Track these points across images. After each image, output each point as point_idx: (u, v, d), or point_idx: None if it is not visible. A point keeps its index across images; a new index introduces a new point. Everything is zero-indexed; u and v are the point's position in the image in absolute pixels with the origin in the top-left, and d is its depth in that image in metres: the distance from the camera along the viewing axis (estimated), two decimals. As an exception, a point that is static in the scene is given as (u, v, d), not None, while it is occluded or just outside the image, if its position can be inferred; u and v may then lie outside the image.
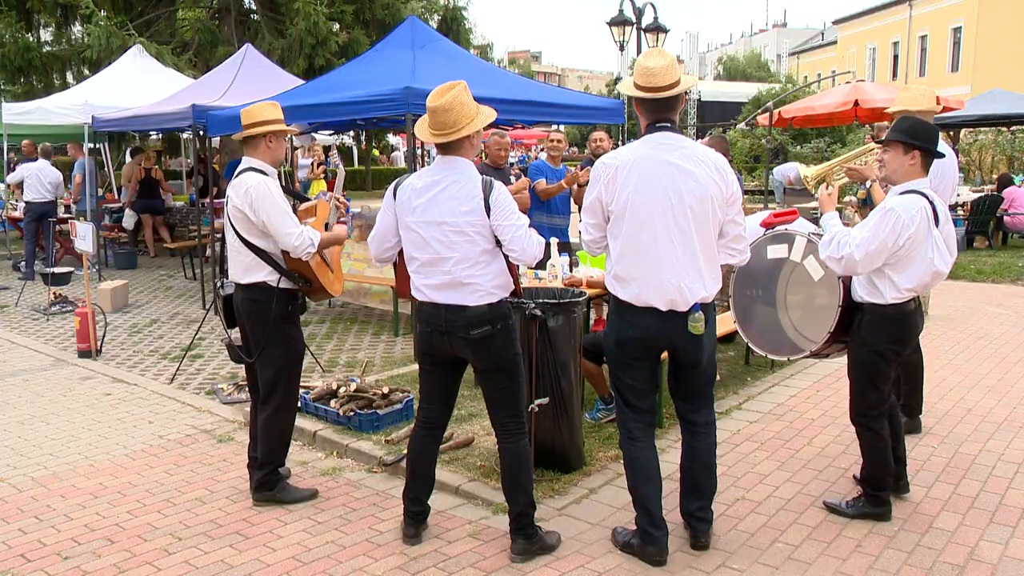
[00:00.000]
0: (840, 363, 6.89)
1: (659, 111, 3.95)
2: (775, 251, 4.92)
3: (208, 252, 11.34)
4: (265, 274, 4.75)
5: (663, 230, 3.87)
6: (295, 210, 4.96)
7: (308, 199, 5.47)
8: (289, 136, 4.99)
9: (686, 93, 4.21)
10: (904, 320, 4.35)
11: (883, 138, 4.46)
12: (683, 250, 3.88)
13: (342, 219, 5.37)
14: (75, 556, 4.41)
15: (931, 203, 4.23)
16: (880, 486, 4.53)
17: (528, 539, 4.24)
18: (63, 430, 6.38)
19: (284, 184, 5.11)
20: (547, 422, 5.07)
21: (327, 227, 5.11)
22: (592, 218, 4.07)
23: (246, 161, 4.85)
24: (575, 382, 5.20)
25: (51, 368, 8.22)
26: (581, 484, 5.05)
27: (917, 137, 4.26)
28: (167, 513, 4.90)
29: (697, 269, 3.92)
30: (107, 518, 4.85)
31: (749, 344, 5.21)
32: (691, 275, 3.90)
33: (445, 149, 4.11)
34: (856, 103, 15.41)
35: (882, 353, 4.38)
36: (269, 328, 4.78)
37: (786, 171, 18.28)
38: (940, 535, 4.40)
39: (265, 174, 4.77)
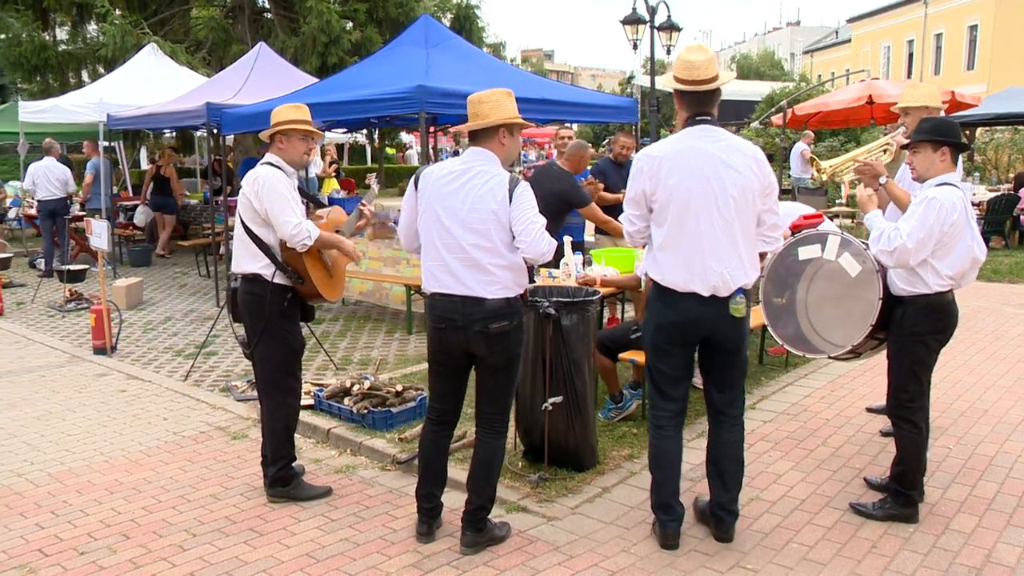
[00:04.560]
0: (853, 364, 6.91)
1: (700, 104, 4.05)
2: (807, 252, 4.91)
3: (222, 250, 11.37)
4: (262, 265, 4.79)
5: (706, 218, 3.97)
6: (309, 213, 4.99)
7: (324, 204, 5.49)
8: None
9: None
10: (947, 309, 4.42)
11: (908, 141, 4.54)
12: (725, 238, 4.00)
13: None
14: (91, 551, 4.44)
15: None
16: (911, 484, 4.52)
17: (478, 532, 4.33)
18: (79, 426, 6.41)
19: (302, 187, 5.11)
20: (561, 421, 5.06)
21: (337, 232, 5.10)
22: (636, 210, 4.14)
23: (267, 156, 4.93)
24: (589, 381, 5.19)
25: (67, 365, 8.26)
26: (594, 483, 5.04)
27: (944, 134, 4.38)
28: (182, 509, 4.92)
29: (739, 256, 4.04)
30: (123, 514, 4.88)
31: (786, 345, 5.18)
32: (733, 262, 4.03)
33: (476, 140, 4.20)
34: (870, 100, 15.35)
35: (926, 343, 4.43)
36: (264, 321, 4.82)
37: (797, 148, 18.07)
38: (957, 537, 4.37)
39: (280, 169, 4.82)
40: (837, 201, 16.53)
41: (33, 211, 14.51)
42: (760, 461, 5.39)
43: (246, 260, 4.84)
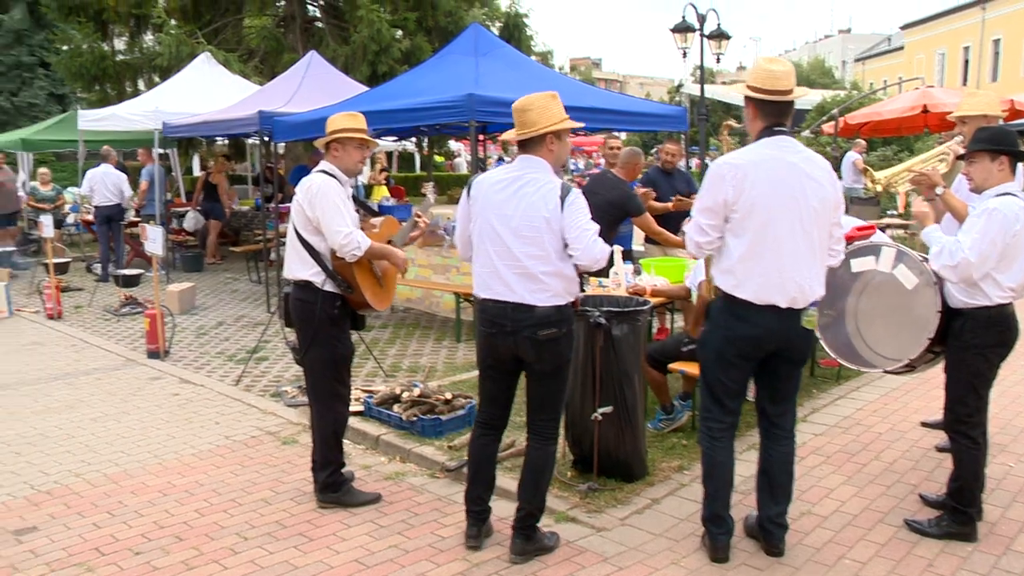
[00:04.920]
0: (906, 377, 6.79)
1: (777, 115, 4.03)
2: (860, 264, 4.85)
3: (272, 256, 11.49)
4: (313, 273, 4.82)
5: (789, 229, 3.95)
6: (363, 222, 5.03)
7: (379, 214, 5.52)
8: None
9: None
10: (1008, 321, 4.34)
11: (965, 151, 4.45)
12: (805, 249, 3.99)
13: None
14: (146, 552, 4.51)
15: None
16: (968, 501, 4.43)
17: (528, 540, 4.32)
18: (133, 428, 6.52)
19: (356, 195, 5.15)
20: (611, 431, 5.04)
21: (390, 243, 5.12)
22: (712, 219, 4.04)
23: (322, 165, 4.97)
24: (639, 391, 5.17)
25: (122, 368, 8.41)
26: (644, 494, 5.01)
27: (1001, 143, 4.30)
28: (233, 513, 4.98)
29: (816, 268, 4.04)
30: (176, 516, 4.95)
31: (838, 358, 5.11)
32: (811, 273, 4.01)
33: (525, 148, 4.21)
34: (925, 109, 15.09)
35: (986, 356, 4.35)
36: (314, 328, 4.86)
37: (849, 157, 17.80)
38: (1018, 558, 4.27)
39: (334, 177, 4.86)
40: (889, 212, 16.29)
41: (90, 217, 14.79)
42: (811, 475, 5.32)
43: (298, 267, 4.88)
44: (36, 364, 8.61)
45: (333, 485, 4.99)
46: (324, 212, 4.71)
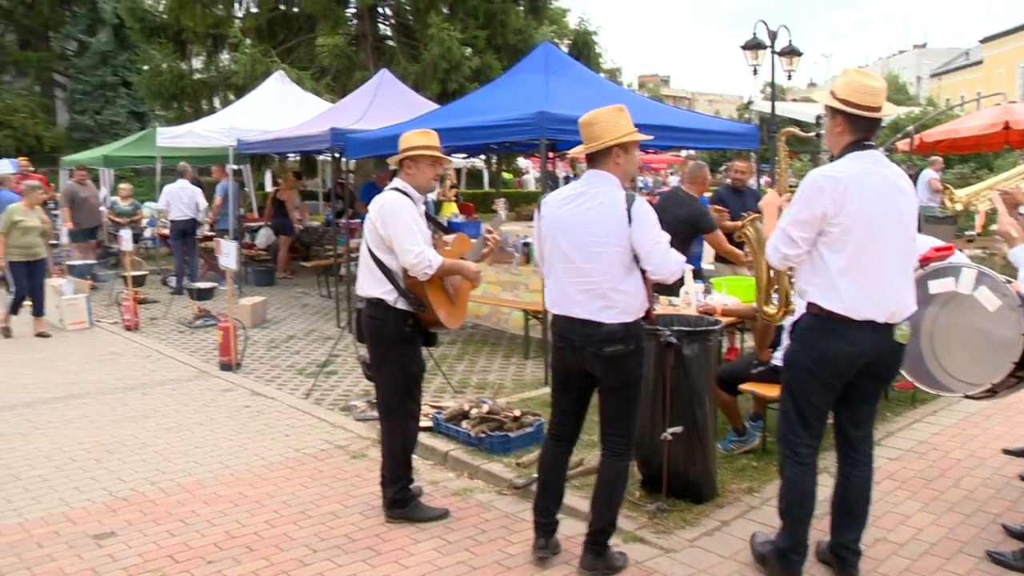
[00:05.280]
0: (986, 402, 6.60)
1: (868, 130, 3.97)
2: (939, 285, 4.73)
3: (343, 271, 11.63)
4: (385, 291, 4.85)
5: (887, 243, 3.88)
6: (435, 239, 5.05)
7: (450, 230, 5.54)
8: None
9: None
10: None
11: None
12: (901, 263, 3.94)
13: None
14: (218, 561, 4.58)
15: None
16: None
17: (598, 556, 4.28)
18: (206, 439, 6.64)
19: (429, 213, 5.18)
20: (680, 451, 4.99)
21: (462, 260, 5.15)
22: (805, 232, 3.91)
23: (395, 182, 5.00)
24: (710, 411, 5.11)
25: (195, 379, 8.58)
26: (713, 516, 4.94)
27: None
28: (303, 525, 5.03)
29: (910, 282, 4.00)
30: (246, 526, 5.02)
31: (914, 381, 5.00)
32: (906, 287, 3.97)
33: (592, 162, 4.22)
34: (1007, 126, 14.70)
35: None
36: (386, 346, 4.89)
37: (925, 175, 17.41)
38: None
39: (407, 195, 4.88)
40: (967, 232, 15.89)
41: (166, 231, 15.14)
42: (886, 500, 5.19)
43: (370, 284, 4.91)
44: (114, 374, 8.83)
45: (401, 500, 5.01)
46: (396, 230, 4.74)
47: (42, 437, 6.74)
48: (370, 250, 4.89)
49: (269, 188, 24.24)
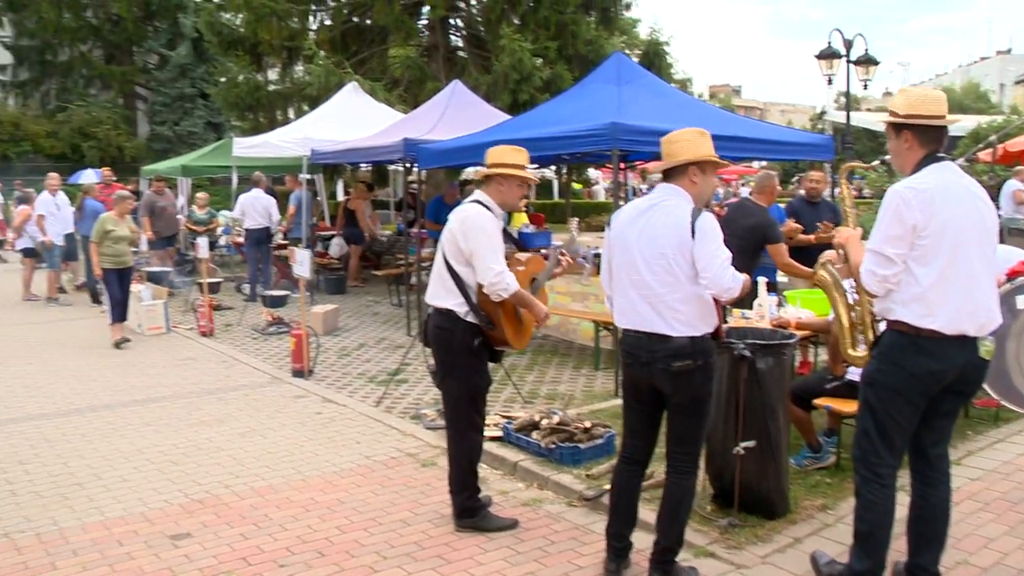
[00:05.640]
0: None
1: (938, 141, 3.91)
2: None
3: (413, 280, 11.72)
4: (456, 302, 4.84)
5: (976, 254, 3.81)
6: (509, 255, 5.04)
7: (521, 243, 5.53)
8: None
9: None
10: None
11: None
12: (987, 274, 3.87)
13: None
14: (289, 565, 4.64)
15: None
16: None
17: (665, 574, 4.23)
18: (278, 444, 6.74)
19: (506, 229, 5.17)
20: (753, 466, 4.91)
21: (533, 281, 5.14)
22: (899, 248, 3.79)
23: (477, 194, 4.99)
24: (783, 426, 5.03)
25: (268, 385, 8.71)
26: (786, 532, 4.85)
27: None
28: (373, 532, 5.07)
29: (995, 293, 3.92)
30: (318, 532, 5.08)
31: (1000, 399, 4.86)
32: (993, 299, 3.89)
33: (668, 178, 4.22)
34: (1098, 134, 14.20)
35: None
36: (452, 357, 4.90)
37: (1009, 186, 16.85)
38: None
39: (489, 209, 4.89)
40: (1053, 245, 15.39)
41: (241, 239, 15.43)
42: (966, 522, 5.03)
43: (441, 294, 4.92)
44: (190, 379, 9.02)
45: (471, 509, 5.02)
46: (478, 246, 4.73)
47: (122, 439, 6.91)
48: (447, 260, 4.89)
49: (341, 197, 24.59)
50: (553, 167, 17.22)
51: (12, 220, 17.81)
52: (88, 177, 23.37)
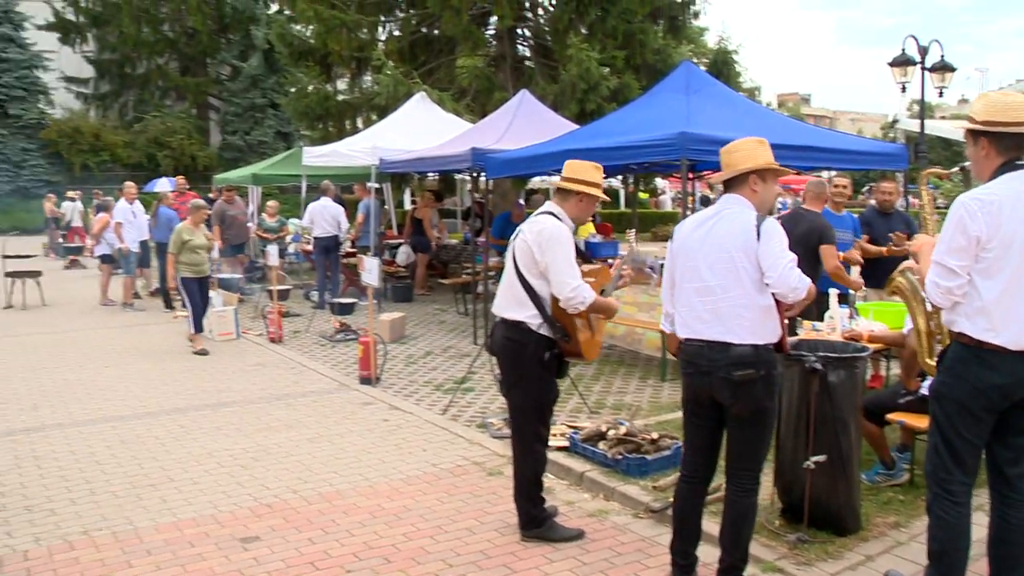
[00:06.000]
0: None
1: (1018, 148, 3.78)
2: None
3: (480, 289, 11.76)
4: (529, 315, 4.82)
5: None
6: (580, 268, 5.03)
7: (589, 256, 5.51)
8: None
9: None
10: None
11: None
12: None
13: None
14: (356, 571, 4.68)
15: None
16: None
17: None
18: (346, 450, 6.80)
19: (576, 242, 5.16)
20: (823, 481, 4.82)
21: (602, 293, 5.09)
22: (963, 259, 3.71)
23: (550, 206, 4.97)
24: (855, 441, 4.93)
25: (335, 391, 8.81)
26: (857, 550, 4.75)
27: None
28: (439, 539, 5.09)
29: None
30: (384, 538, 5.11)
31: None
32: None
33: (729, 188, 4.21)
34: None
35: None
36: (521, 368, 4.88)
37: None
38: None
39: (563, 222, 4.88)
40: None
41: (309, 247, 15.65)
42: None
43: (512, 307, 4.89)
44: (259, 384, 9.17)
45: (537, 520, 5.01)
46: (555, 260, 4.70)
47: (193, 442, 7.04)
48: (520, 273, 4.86)
49: (408, 206, 24.83)
50: (619, 177, 17.13)
51: (91, 228, 18.33)
52: (163, 186, 23.99)
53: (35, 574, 4.73)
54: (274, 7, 34.28)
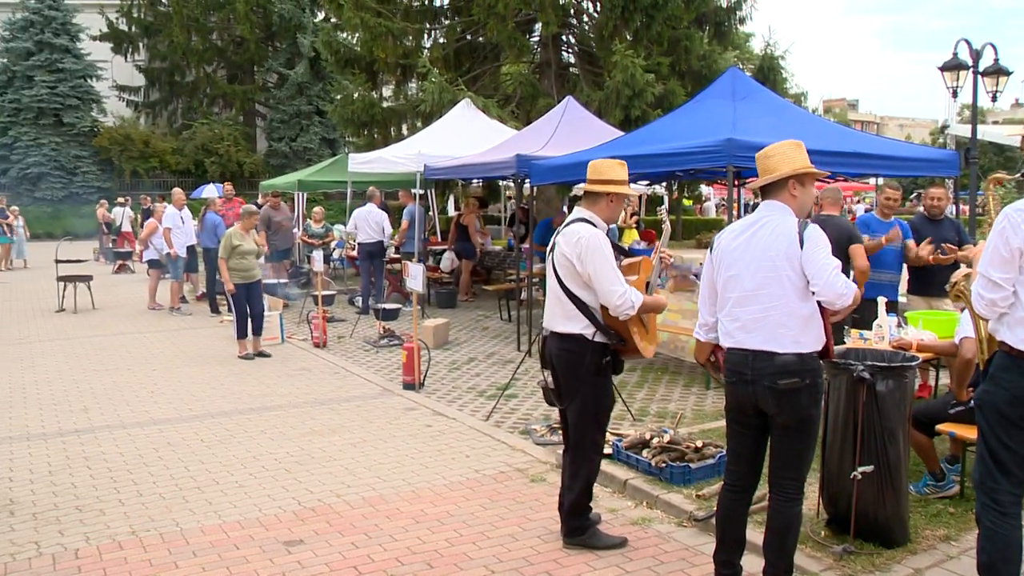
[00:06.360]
0: None
1: None
2: None
3: (523, 295, 11.76)
4: (582, 326, 4.78)
5: None
6: (621, 269, 4.99)
7: (631, 254, 5.46)
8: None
9: None
10: None
11: None
12: None
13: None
14: (399, 575, 4.69)
15: None
16: None
17: None
18: (389, 455, 6.83)
19: (613, 240, 5.13)
20: (870, 491, 4.75)
21: (648, 286, 5.07)
22: (1006, 271, 3.67)
23: (581, 212, 4.93)
24: (903, 452, 4.85)
25: (379, 397, 8.85)
26: (905, 563, 4.67)
27: None
28: (481, 545, 5.09)
29: None
30: (427, 543, 5.12)
31: None
32: None
33: (767, 194, 4.18)
34: None
35: None
36: (581, 379, 4.84)
37: None
38: None
39: (595, 227, 4.84)
40: None
41: (354, 252, 15.76)
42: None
43: (563, 320, 4.85)
44: (303, 388, 9.24)
45: (580, 527, 4.99)
46: (597, 269, 4.67)
47: (239, 445, 7.12)
48: (564, 285, 4.83)
49: (452, 212, 24.91)
50: (664, 183, 17.06)
51: (140, 233, 18.63)
52: (210, 192, 24.31)
53: (85, 572, 4.80)
54: (321, 15, 34.71)
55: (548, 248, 5.05)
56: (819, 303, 3.99)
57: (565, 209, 16.19)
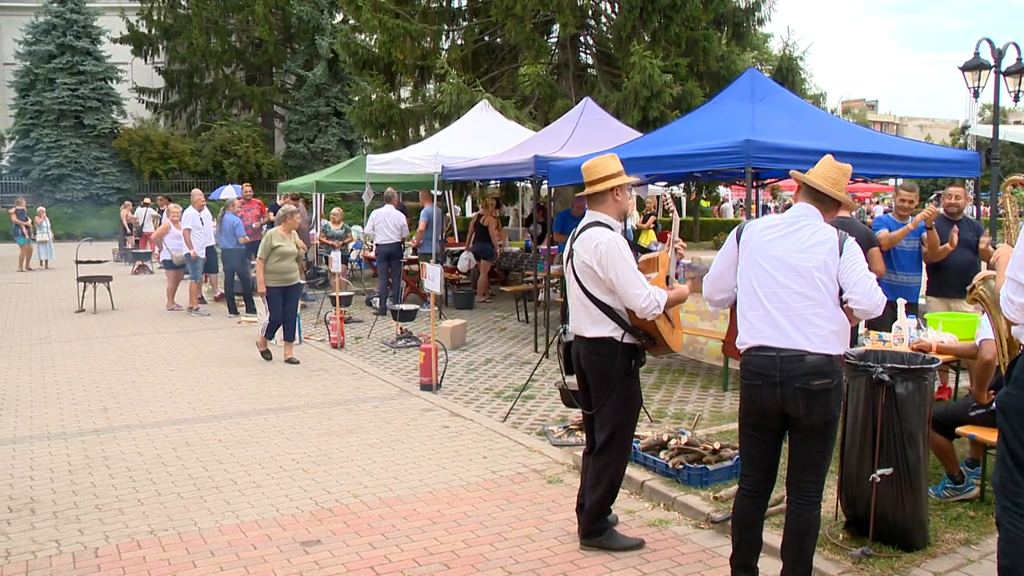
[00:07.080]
0: None
1: None
2: None
3: (541, 296, 11.75)
4: (610, 329, 4.77)
5: None
6: (637, 262, 4.98)
7: (648, 251, 5.44)
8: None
9: None
10: None
11: None
12: None
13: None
14: (416, 577, 4.70)
15: None
16: None
17: None
18: (406, 456, 6.84)
19: (629, 239, 5.12)
20: (889, 494, 4.72)
21: (667, 280, 5.06)
22: None
23: (591, 215, 4.91)
24: (923, 454, 4.81)
25: (396, 398, 8.87)
26: (924, 566, 4.64)
27: None
28: (498, 546, 5.08)
29: None
30: (444, 544, 5.12)
31: None
32: None
33: (806, 196, 4.21)
34: None
35: None
36: (611, 382, 4.82)
37: None
38: None
39: (611, 229, 4.82)
40: None
41: (372, 253, 15.79)
42: None
43: (589, 326, 4.84)
44: (321, 389, 9.27)
45: (597, 529, 4.98)
46: (619, 274, 4.66)
47: (256, 446, 7.14)
48: (587, 291, 4.81)
49: (470, 214, 24.93)
50: (681, 185, 17.03)
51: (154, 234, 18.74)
52: (229, 193, 24.43)
53: (105, 571, 4.83)
54: (339, 17, 34.80)
55: (565, 255, 5.04)
56: (846, 307, 4.01)
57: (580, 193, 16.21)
